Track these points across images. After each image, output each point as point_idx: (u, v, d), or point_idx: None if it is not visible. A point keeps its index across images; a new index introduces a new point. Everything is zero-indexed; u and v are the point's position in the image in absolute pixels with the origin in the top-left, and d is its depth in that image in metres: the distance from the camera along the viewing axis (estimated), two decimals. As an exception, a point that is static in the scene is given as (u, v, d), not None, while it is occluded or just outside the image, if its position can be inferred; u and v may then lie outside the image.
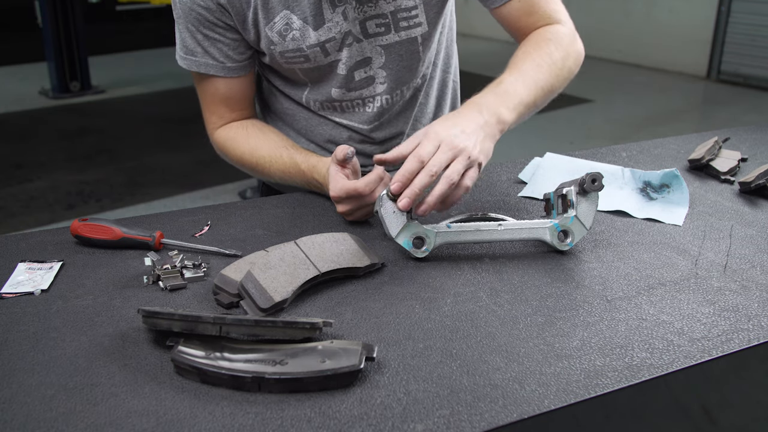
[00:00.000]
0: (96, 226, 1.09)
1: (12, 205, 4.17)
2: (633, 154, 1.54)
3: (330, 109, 1.38)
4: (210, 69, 1.30)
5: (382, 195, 1.04)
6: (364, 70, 1.32)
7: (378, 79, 1.34)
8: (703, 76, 7.34)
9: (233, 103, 1.36)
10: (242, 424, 0.71)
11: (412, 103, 1.41)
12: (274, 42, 1.26)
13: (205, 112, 1.39)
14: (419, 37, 1.32)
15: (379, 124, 1.40)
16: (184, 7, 1.24)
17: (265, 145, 1.33)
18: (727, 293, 0.97)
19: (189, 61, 1.30)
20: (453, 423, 0.71)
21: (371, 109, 1.37)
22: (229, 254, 1.07)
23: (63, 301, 0.95)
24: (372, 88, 1.35)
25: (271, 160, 1.31)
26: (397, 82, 1.35)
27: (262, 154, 1.33)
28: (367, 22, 1.27)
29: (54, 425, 0.71)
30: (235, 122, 1.38)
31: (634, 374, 0.79)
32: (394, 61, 1.32)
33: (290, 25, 1.24)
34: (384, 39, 1.29)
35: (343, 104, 1.37)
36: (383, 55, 1.31)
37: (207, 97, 1.36)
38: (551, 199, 1.13)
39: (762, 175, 1.29)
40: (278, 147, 1.32)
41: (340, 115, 1.39)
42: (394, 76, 1.34)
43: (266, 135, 1.35)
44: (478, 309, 0.93)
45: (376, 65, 1.32)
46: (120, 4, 8.03)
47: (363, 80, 1.33)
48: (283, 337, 0.81)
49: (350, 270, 1.00)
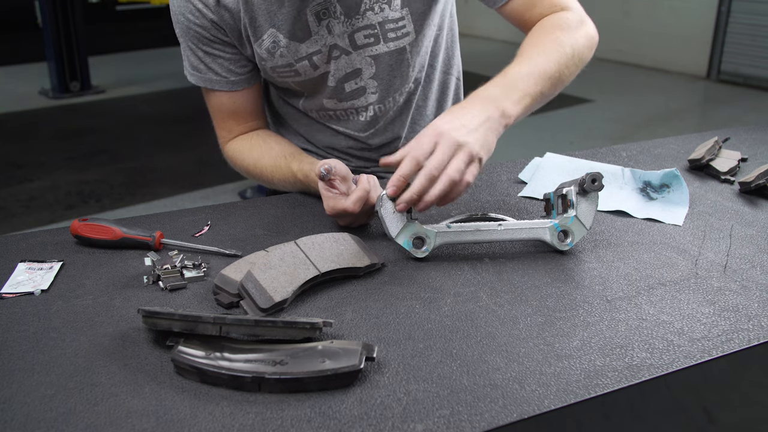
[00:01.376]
0: (96, 226, 1.09)
1: (12, 205, 4.17)
2: (633, 154, 1.54)
3: (326, 118, 1.40)
4: (215, 84, 1.32)
5: (382, 195, 1.04)
6: (354, 81, 1.33)
7: (369, 89, 1.35)
8: (703, 76, 7.33)
9: (239, 116, 1.38)
10: (242, 424, 0.71)
11: (407, 107, 1.42)
12: (263, 58, 1.28)
13: (215, 126, 1.42)
14: (407, 46, 1.32)
15: (374, 131, 1.40)
16: (182, 26, 1.27)
17: (266, 155, 1.34)
18: (727, 293, 0.97)
19: (196, 77, 1.33)
20: (453, 423, 0.71)
21: (364, 118, 1.38)
22: (229, 254, 1.07)
23: (63, 301, 0.95)
24: (363, 98, 1.36)
25: (273, 171, 1.33)
26: (388, 91, 1.36)
27: (264, 164, 1.34)
28: (356, 34, 1.28)
29: (54, 425, 0.71)
30: (243, 135, 1.40)
31: (634, 374, 0.79)
32: (384, 71, 1.33)
33: (277, 43, 1.26)
34: (373, 50, 1.30)
35: (337, 113, 1.38)
36: (373, 66, 1.32)
37: (215, 112, 1.39)
38: (551, 199, 1.13)
39: (762, 175, 1.29)
40: (278, 156, 1.33)
41: (336, 123, 1.40)
42: (385, 85, 1.35)
43: (268, 144, 1.36)
44: (478, 309, 0.93)
45: (367, 76, 1.33)
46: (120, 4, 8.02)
47: (354, 91, 1.34)
48: (283, 337, 0.81)
49: (350, 270, 1.00)
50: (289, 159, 1.31)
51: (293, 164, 1.29)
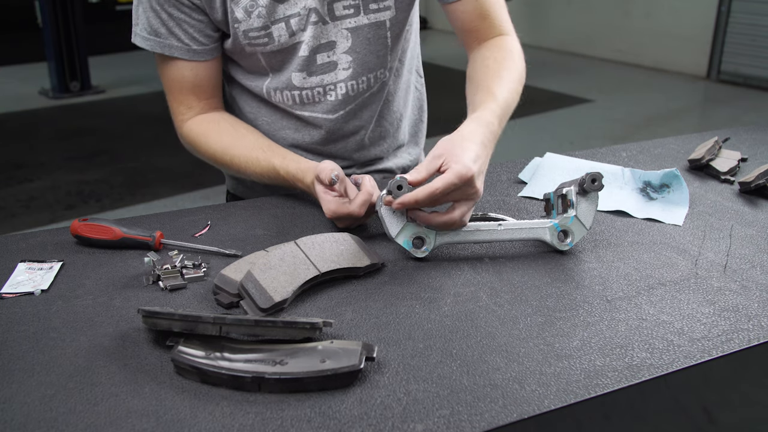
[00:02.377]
0: (96, 226, 1.09)
1: (12, 205, 4.17)
2: (633, 154, 1.54)
3: (291, 102, 1.34)
4: (174, 51, 1.26)
5: (382, 195, 1.04)
6: (327, 54, 1.30)
7: (341, 65, 1.31)
8: (703, 76, 7.34)
9: (200, 90, 1.32)
10: (242, 424, 0.71)
11: (377, 97, 1.39)
12: (239, 19, 1.23)
13: (171, 102, 1.34)
14: (387, 21, 1.30)
15: (344, 114, 1.36)
16: None
17: (239, 144, 1.29)
18: (727, 293, 0.98)
19: (153, 42, 1.25)
20: (453, 423, 0.71)
21: (334, 97, 1.34)
22: (229, 254, 1.07)
23: (63, 301, 0.95)
24: (334, 74, 1.32)
25: (247, 162, 1.28)
26: (362, 68, 1.33)
27: (235, 153, 1.29)
28: (335, 4, 1.25)
29: (54, 425, 0.71)
30: (205, 115, 1.34)
31: (634, 374, 0.79)
32: (360, 44, 1.30)
33: (256, 2, 1.22)
34: (352, 21, 1.28)
35: (303, 93, 1.33)
36: (349, 39, 1.29)
37: (173, 85, 1.31)
38: (551, 199, 1.13)
39: (762, 175, 1.29)
40: (254, 148, 1.28)
41: (302, 108, 1.35)
42: (360, 61, 1.32)
43: (239, 132, 1.31)
44: (478, 309, 0.93)
45: (340, 50, 1.30)
46: (120, 4, 8.04)
47: (325, 65, 1.31)
48: (283, 337, 0.81)
49: (350, 270, 1.00)
50: (269, 153, 1.26)
51: (275, 160, 1.25)
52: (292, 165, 1.23)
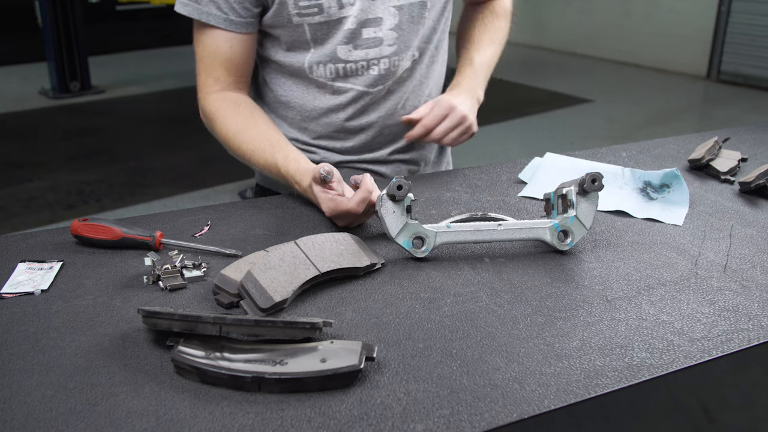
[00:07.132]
0: (96, 226, 1.09)
1: (12, 205, 4.17)
2: (633, 154, 1.54)
3: (334, 74, 1.34)
4: (211, 19, 1.25)
5: (382, 195, 1.04)
6: (373, 30, 1.32)
7: (386, 41, 1.34)
8: (703, 76, 7.33)
9: (231, 65, 1.31)
10: (242, 424, 0.71)
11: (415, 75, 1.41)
12: None
13: (200, 73, 1.33)
14: (428, 2, 1.35)
15: (384, 88, 1.37)
16: None
17: (250, 130, 1.29)
18: (727, 293, 0.98)
19: (191, 8, 1.25)
20: (453, 423, 0.71)
21: (376, 72, 1.36)
22: (229, 254, 1.07)
23: (63, 301, 0.95)
24: (378, 49, 1.34)
25: (253, 150, 1.28)
26: (405, 45, 1.36)
27: (244, 139, 1.29)
28: None
29: (54, 425, 0.71)
30: (229, 93, 1.33)
31: (634, 374, 0.79)
32: (405, 22, 1.33)
33: None
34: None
35: (348, 66, 1.34)
36: (396, 16, 1.32)
37: (206, 55, 1.31)
38: (551, 199, 1.13)
39: (762, 175, 1.29)
40: (262, 139, 1.27)
41: (344, 80, 1.36)
42: (404, 38, 1.35)
43: (254, 119, 1.31)
44: (478, 309, 0.93)
45: (387, 26, 1.32)
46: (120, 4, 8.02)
47: (371, 39, 1.33)
48: (283, 337, 0.81)
49: (350, 270, 1.00)
50: (275, 147, 1.26)
51: (278, 155, 1.24)
52: (291, 165, 1.23)
